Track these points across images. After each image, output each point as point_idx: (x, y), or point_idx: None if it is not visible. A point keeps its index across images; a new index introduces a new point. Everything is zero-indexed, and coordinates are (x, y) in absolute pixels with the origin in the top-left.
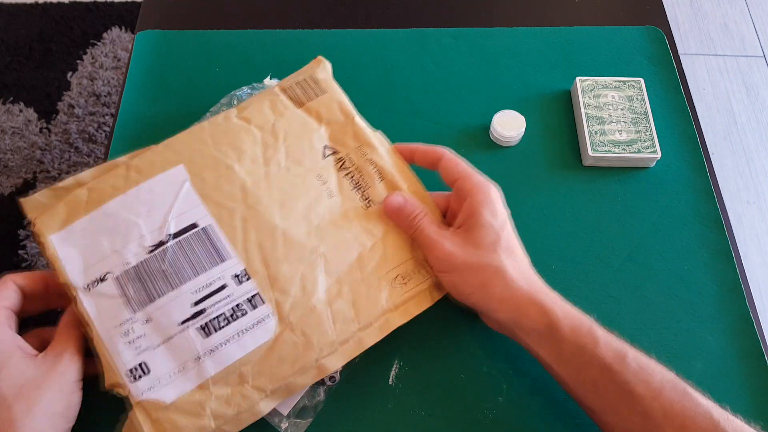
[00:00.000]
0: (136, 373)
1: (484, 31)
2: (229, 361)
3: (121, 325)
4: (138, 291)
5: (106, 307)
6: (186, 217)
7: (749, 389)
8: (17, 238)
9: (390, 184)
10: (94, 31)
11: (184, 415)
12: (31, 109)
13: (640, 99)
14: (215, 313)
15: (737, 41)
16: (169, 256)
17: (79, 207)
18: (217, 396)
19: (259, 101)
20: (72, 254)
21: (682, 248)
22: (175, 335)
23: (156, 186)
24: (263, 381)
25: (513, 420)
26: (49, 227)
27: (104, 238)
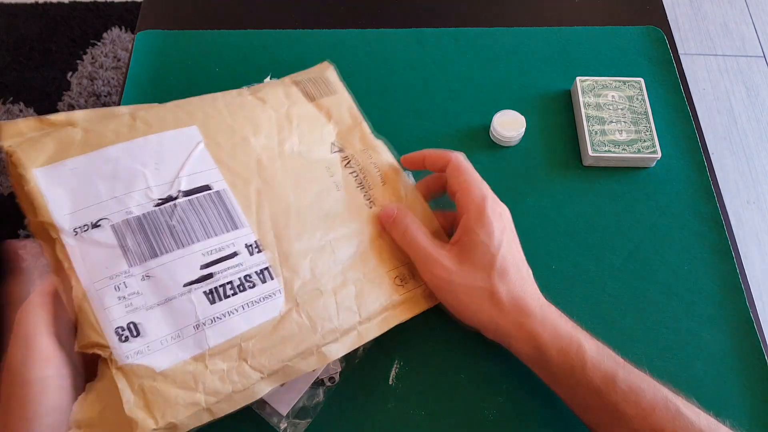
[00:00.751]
0: (124, 333)
1: (484, 31)
2: (232, 333)
3: (113, 277)
4: (139, 243)
5: (97, 256)
6: (199, 178)
7: (749, 389)
8: (17, 238)
9: (392, 189)
10: (94, 31)
11: (174, 387)
12: (31, 109)
13: (640, 99)
14: (223, 280)
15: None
16: (179, 213)
17: (71, 145)
18: (213, 370)
19: (272, 87)
20: (58, 193)
21: (682, 248)
22: (175, 297)
23: (166, 140)
24: (263, 360)
25: (513, 420)
26: (31, 159)
27: (102, 183)
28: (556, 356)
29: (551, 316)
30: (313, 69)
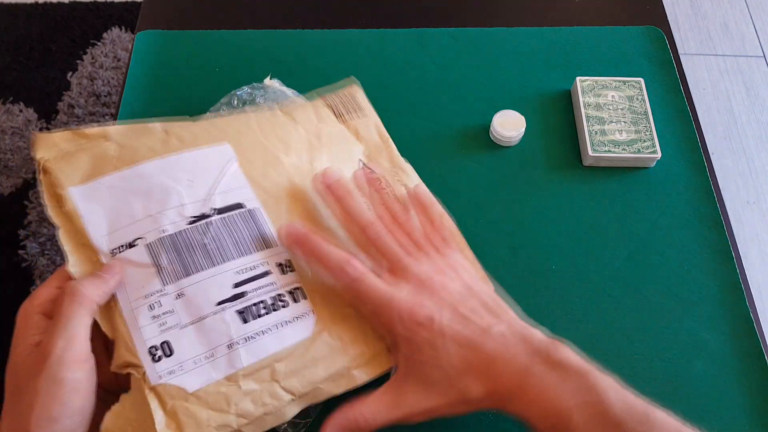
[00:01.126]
0: (157, 352)
1: (484, 31)
2: (265, 353)
3: (147, 296)
4: (173, 262)
5: (133, 276)
6: (232, 196)
7: (749, 389)
8: (17, 238)
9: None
10: (94, 31)
11: (206, 408)
12: (31, 109)
13: (640, 99)
14: (256, 299)
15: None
16: (213, 231)
17: (106, 161)
18: (245, 391)
19: (302, 106)
20: (95, 213)
21: (682, 248)
22: (208, 316)
23: (200, 158)
24: (295, 382)
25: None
26: (69, 177)
27: (136, 201)
28: (541, 426)
29: (533, 391)
30: (341, 89)
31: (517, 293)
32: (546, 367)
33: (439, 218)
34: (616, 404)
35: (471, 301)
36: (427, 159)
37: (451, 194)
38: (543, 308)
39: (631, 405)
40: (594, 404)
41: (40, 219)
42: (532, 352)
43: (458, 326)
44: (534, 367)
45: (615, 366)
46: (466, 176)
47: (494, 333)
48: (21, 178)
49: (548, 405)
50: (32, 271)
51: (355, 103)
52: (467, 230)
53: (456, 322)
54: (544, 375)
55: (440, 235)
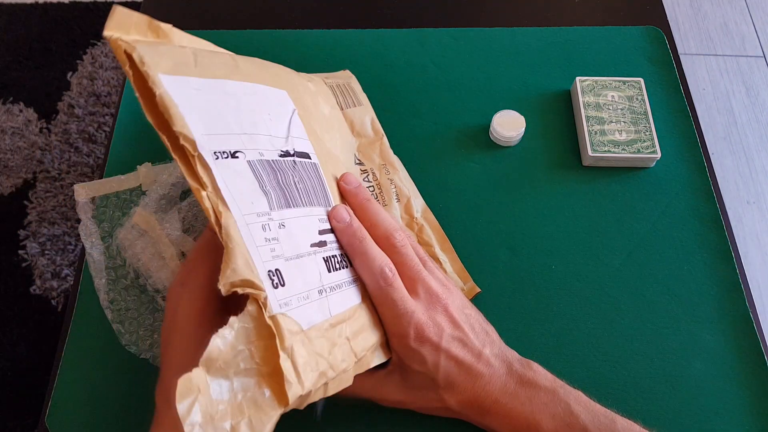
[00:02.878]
0: (274, 278)
1: (484, 31)
2: (344, 306)
3: (260, 215)
4: (275, 188)
5: (241, 188)
6: (302, 144)
7: (749, 389)
8: (17, 237)
9: (405, 207)
10: (93, 31)
11: (314, 351)
12: (31, 109)
13: (639, 99)
14: (333, 252)
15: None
16: (299, 170)
17: (188, 65)
18: (334, 342)
19: (320, 82)
20: (190, 108)
21: (682, 248)
22: (304, 255)
23: (270, 95)
24: (357, 344)
25: None
26: (156, 63)
27: (229, 114)
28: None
29: (507, 407)
30: (336, 75)
31: (517, 293)
32: (519, 385)
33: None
34: (582, 414)
35: (469, 322)
36: (427, 159)
37: (451, 194)
38: (543, 308)
39: (596, 414)
40: (562, 415)
41: (40, 219)
42: (509, 372)
43: (458, 346)
44: (510, 385)
45: (615, 366)
46: (466, 176)
47: (485, 354)
48: (21, 178)
49: (520, 418)
50: (32, 271)
51: (352, 93)
52: (467, 230)
53: (457, 340)
54: (517, 392)
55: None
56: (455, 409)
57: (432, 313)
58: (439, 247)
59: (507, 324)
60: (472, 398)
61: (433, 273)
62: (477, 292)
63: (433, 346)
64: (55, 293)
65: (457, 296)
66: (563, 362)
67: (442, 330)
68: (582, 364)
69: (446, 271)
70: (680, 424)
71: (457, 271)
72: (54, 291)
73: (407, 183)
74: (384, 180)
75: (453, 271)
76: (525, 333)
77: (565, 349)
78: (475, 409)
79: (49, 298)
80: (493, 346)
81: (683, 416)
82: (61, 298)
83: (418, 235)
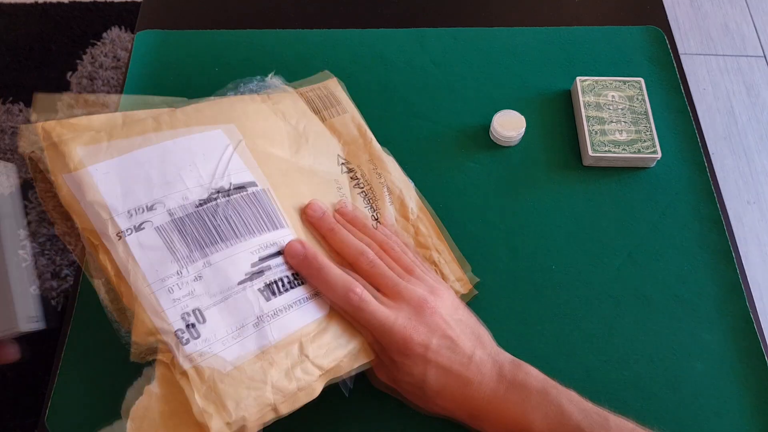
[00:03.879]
0: (184, 336)
1: (484, 31)
2: (292, 328)
3: (164, 279)
4: (185, 245)
5: (149, 257)
6: (240, 177)
7: (749, 389)
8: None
9: (399, 203)
10: (93, 31)
11: (243, 386)
12: (30, 108)
13: (640, 99)
14: (275, 276)
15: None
16: (221, 213)
17: (99, 150)
18: (279, 367)
19: (282, 97)
20: (93, 200)
21: (682, 248)
22: (231, 296)
23: (205, 139)
24: (321, 357)
25: None
26: (60, 167)
27: (139, 186)
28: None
29: (498, 410)
30: (319, 83)
31: (517, 293)
32: (510, 388)
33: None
34: (574, 412)
35: (459, 326)
36: (427, 159)
37: (451, 194)
38: (543, 308)
39: (588, 412)
40: (554, 414)
41: (40, 219)
42: (500, 375)
43: (446, 352)
44: (501, 389)
45: (615, 366)
46: (466, 176)
47: (476, 359)
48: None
49: (511, 420)
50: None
51: (333, 97)
52: (467, 230)
53: (445, 347)
54: (509, 394)
55: (419, 257)
56: (446, 412)
57: (418, 321)
58: (436, 239)
59: (507, 324)
60: (462, 404)
61: (422, 279)
62: (476, 282)
63: (418, 356)
64: (55, 293)
65: (447, 299)
66: (563, 362)
67: (429, 338)
68: (582, 364)
69: (442, 272)
70: (680, 424)
71: (456, 260)
72: (54, 291)
73: (398, 177)
74: (373, 178)
75: (452, 260)
76: (525, 333)
77: (565, 349)
78: (466, 413)
79: (48, 298)
80: (485, 349)
81: (683, 416)
82: (60, 298)
83: (414, 238)
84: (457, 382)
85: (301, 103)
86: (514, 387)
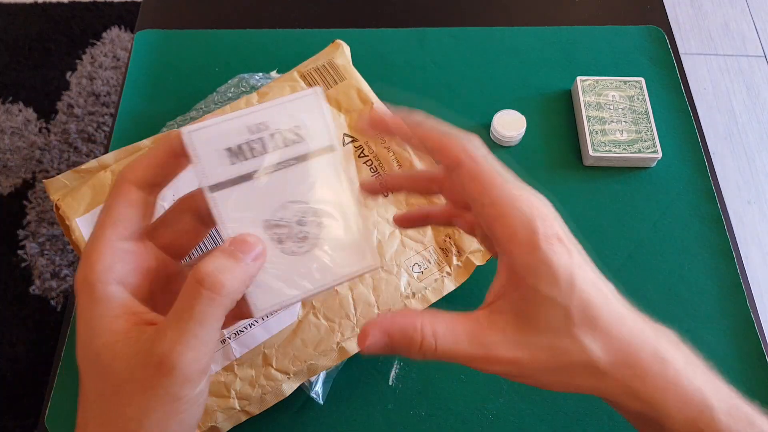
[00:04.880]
0: None
1: (484, 31)
2: (254, 343)
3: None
4: None
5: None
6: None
7: (749, 389)
8: (16, 238)
9: (407, 165)
10: (93, 30)
11: (210, 397)
12: (30, 108)
13: (640, 99)
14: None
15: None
16: (199, 246)
17: (104, 189)
18: (242, 378)
19: (279, 87)
20: None
21: (683, 248)
22: None
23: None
24: (286, 363)
25: (513, 420)
26: (74, 210)
27: None
28: (680, 428)
29: (671, 368)
30: (322, 53)
31: None
32: (672, 346)
33: None
34: (754, 410)
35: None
36: None
37: None
38: None
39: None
40: (735, 403)
41: (39, 219)
42: (651, 324)
43: (585, 257)
44: (662, 341)
45: None
46: None
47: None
48: (20, 178)
49: (688, 391)
50: (31, 272)
51: (333, 69)
52: None
53: (583, 254)
54: (675, 353)
55: None
56: (602, 365)
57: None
58: None
59: None
60: (620, 338)
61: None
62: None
63: (563, 246)
64: (55, 293)
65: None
66: None
67: (559, 226)
68: None
69: (458, 245)
70: None
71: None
72: (53, 291)
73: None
74: (380, 150)
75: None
76: None
77: None
78: (630, 367)
79: (48, 298)
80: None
81: None
82: (60, 298)
83: None
84: (609, 310)
85: (301, 85)
86: (674, 346)
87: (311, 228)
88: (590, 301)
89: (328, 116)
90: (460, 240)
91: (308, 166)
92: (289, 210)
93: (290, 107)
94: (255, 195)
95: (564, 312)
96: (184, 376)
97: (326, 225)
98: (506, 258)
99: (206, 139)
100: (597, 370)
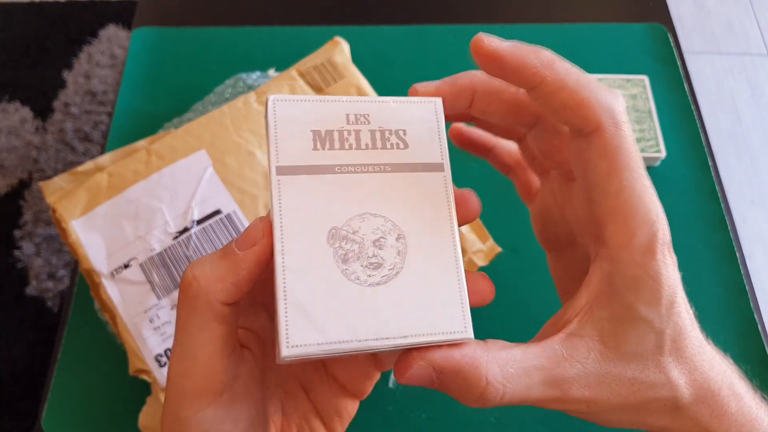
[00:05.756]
0: (162, 359)
1: (485, 29)
2: None
3: (146, 311)
4: (163, 277)
5: (132, 293)
6: (210, 203)
7: None
8: (12, 238)
9: None
10: (90, 28)
11: None
12: (26, 107)
13: (644, 97)
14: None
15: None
16: (194, 243)
17: (100, 192)
18: None
19: (277, 86)
20: (95, 240)
21: (686, 248)
22: None
23: (178, 171)
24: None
25: (514, 423)
26: (70, 213)
27: (127, 224)
28: None
29: (746, 405)
30: (320, 51)
31: (518, 293)
32: (737, 376)
33: None
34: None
35: None
36: None
37: None
38: (544, 308)
39: None
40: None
41: (36, 219)
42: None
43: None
44: (734, 374)
45: None
46: (467, 176)
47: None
48: (16, 177)
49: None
50: (27, 272)
51: (331, 67)
52: None
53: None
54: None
55: None
56: (683, 402)
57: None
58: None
59: (508, 324)
60: (707, 377)
61: None
62: (497, 252)
63: (672, 258)
64: (51, 294)
65: None
66: None
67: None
68: None
69: (462, 245)
70: None
71: (474, 231)
72: (49, 292)
73: None
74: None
75: (470, 230)
76: (526, 333)
77: None
78: (709, 405)
79: (44, 299)
80: None
81: None
82: (56, 299)
83: None
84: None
85: (300, 83)
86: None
87: (390, 255)
88: (683, 326)
89: (443, 131)
90: (462, 240)
91: (406, 179)
92: (367, 223)
93: (402, 109)
94: (330, 193)
95: (657, 338)
96: (177, 393)
97: (411, 258)
98: (607, 266)
99: (293, 112)
100: (676, 408)
